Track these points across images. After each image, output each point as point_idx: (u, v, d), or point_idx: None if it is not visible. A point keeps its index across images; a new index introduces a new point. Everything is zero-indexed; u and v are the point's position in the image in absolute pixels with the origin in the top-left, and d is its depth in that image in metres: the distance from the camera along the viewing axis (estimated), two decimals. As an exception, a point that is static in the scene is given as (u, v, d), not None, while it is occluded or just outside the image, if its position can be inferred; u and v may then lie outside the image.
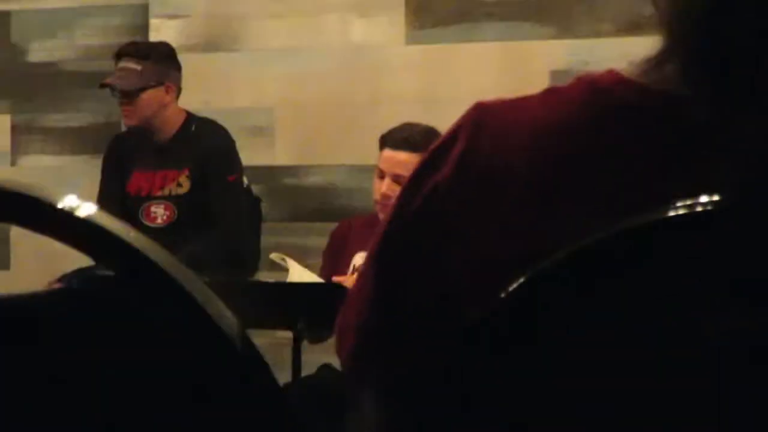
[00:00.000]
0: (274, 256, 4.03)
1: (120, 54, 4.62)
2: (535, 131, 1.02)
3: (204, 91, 5.23)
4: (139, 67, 4.56)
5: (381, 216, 3.87)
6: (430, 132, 3.86)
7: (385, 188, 3.93)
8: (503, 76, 4.95)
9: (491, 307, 0.83)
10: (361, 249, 3.89)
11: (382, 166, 3.99)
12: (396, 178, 3.89)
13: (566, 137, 1.00)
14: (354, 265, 4.00)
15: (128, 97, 4.56)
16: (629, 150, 0.98)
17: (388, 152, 3.98)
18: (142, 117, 4.59)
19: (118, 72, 4.57)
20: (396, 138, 3.97)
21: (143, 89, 4.56)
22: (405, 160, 3.88)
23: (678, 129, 0.95)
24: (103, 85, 4.60)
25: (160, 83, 4.61)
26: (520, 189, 1.00)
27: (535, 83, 1.07)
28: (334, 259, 4.14)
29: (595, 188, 0.97)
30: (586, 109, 1.01)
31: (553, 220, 0.97)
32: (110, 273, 0.80)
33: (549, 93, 1.05)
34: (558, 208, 0.98)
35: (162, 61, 4.64)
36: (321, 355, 4.06)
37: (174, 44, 4.84)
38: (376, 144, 4.06)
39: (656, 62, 0.98)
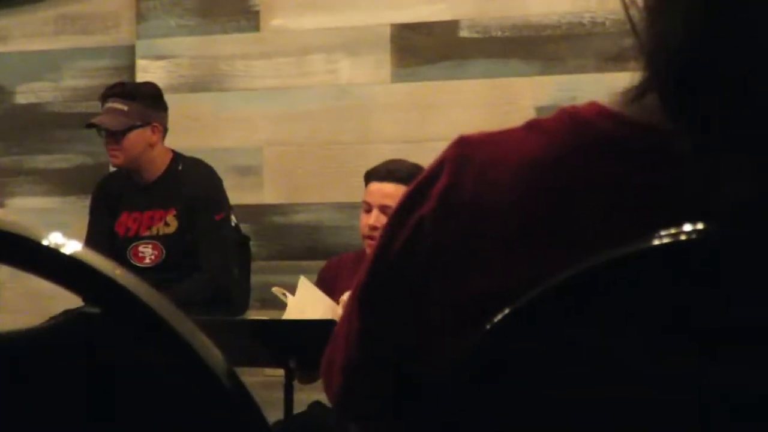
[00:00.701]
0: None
1: (106, 95, 4.64)
2: (518, 165, 1.01)
3: (192, 131, 5.27)
4: (125, 108, 4.58)
5: (369, 251, 3.83)
6: (415, 167, 3.91)
7: (373, 220, 3.95)
8: (490, 112, 4.99)
9: (475, 342, 0.83)
10: (350, 286, 3.81)
11: (369, 199, 4.02)
12: (383, 209, 3.93)
13: (548, 171, 0.99)
14: (343, 300, 3.95)
15: (115, 137, 4.57)
16: (611, 183, 0.97)
17: (374, 185, 4.02)
18: (129, 157, 4.60)
19: (104, 112, 4.59)
20: (381, 171, 4.02)
21: (130, 129, 4.57)
22: (391, 192, 3.92)
23: (659, 161, 0.95)
24: (89, 126, 4.61)
25: (146, 123, 4.61)
26: (504, 224, 0.99)
27: (521, 120, 1.05)
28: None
29: (577, 222, 0.97)
30: (568, 141, 1.00)
31: (536, 255, 0.96)
32: (96, 311, 0.79)
33: (531, 126, 1.04)
34: (541, 243, 0.98)
35: (148, 102, 4.64)
36: (311, 393, 4.06)
37: (161, 85, 4.86)
38: (363, 182, 4.09)
39: (636, 93, 0.97)
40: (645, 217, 0.88)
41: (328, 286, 4.11)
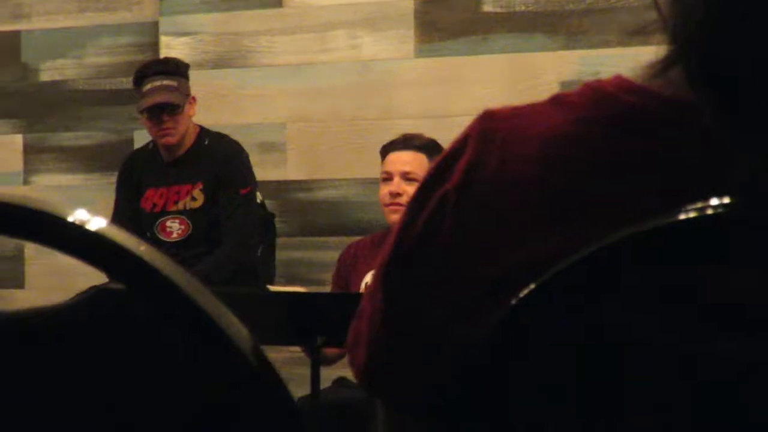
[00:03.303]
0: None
1: (148, 73, 4.62)
2: (543, 139, 1.01)
3: (215, 107, 5.27)
4: (175, 83, 4.59)
5: (391, 218, 3.95)
6: (430, 140, 4.01)
7: (395, 187, 3.97)
8: (513, 88, 4.99)
9: (501, 316, 0.83)
10: (371, 268, 3.88)
11: (388, 168, 4.05)
12: (404, 175, 3.97)
13: (573, 145, 0.99)
14: (366, 283, 4.00)
15: (172, 114, 4.58)
16: (636, 156, 0.97)
17: (392, 155, 4.05)
18: (182, 133, 4.62)
19: (155, 91, 4.57)
20: (398, 142, 4.06)
21: (184, 105, 4.60)
22: (410, 159, 3.98)
23: (684, 134, 0.94)
24: (153, 107, 4.57)
25: (189, 97, 4.66)
26: (528, 198, 0.99)
27: (545, 95, 1.04)
28: (343, 282, 4.16)
29: (602, 195, 0.97)
30: (593, 115, 1.00)
31: (560, 229, 0.97)
32: (121, 287, 0.80)
33: (556, 100, 1.04)
34: (565, 217, 0.98)
35: (187, 75, 4.69)
36: (336, 369, 4.08)
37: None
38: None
39: (661, 67, 0.97)
40: (669, 191, 0.89)
41: (348, 271, 4.14)
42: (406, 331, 1.07)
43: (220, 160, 4.66)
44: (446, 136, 3.41)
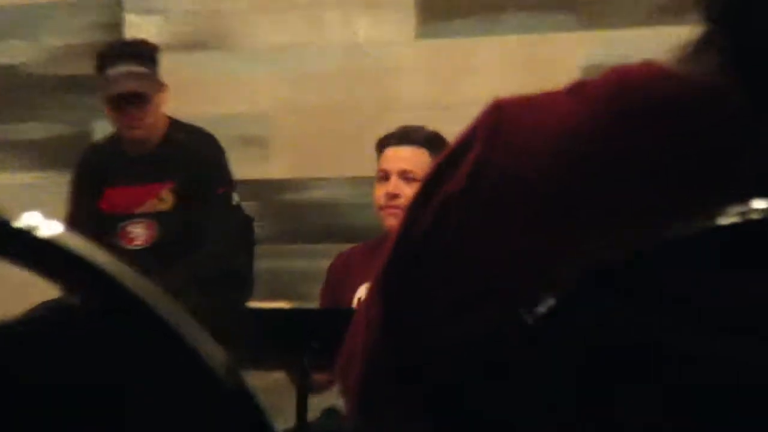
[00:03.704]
0: None
1: (111, 57, 4.63)
2: (559, 135, 1.02)
3: (187, 96, 5.18)
4: (145, 69, 4.61)
5: (388, 223, 3.95)
6: (433, 133, 4.00)
7: (392, 187, 3.97)
8: (528, 74, 4.95)
9: (512, 324, 0.86)
10: (365, 280, 3.85)
11: (385, 166, 4.04)
12: (403, 175, 3.97)
13: (592, 142, 1.01)
14: (359, 299, 3.98)
15: (141, 104, 4.59)
16: (663, 155, 0.99)
17: (390, 151, 4.05)
18: (151, 125, 4.64)
19: (124, 77, 4.57)
20: (396, 136, 4.06)
21: (153, 93, 4.60)
22: (409, 156, 3.98)
23: (720, 125, 0.95)
24: (120, 96, 4.57)
25: (162, 86, 4.66)
26: (542, 201, 1.01)
27: (564, 82, 1.06)
28: (334, 296, 4.12)
29: (624, 198, 0.98)
30: (616, 108, 1.01)
31: (575, 234, 0.98)
32: (78, 303, 0.79)
33: (575, 89, 1.05)
34: (583, 221, 0.99)
35: (156, 60, 4.69)
36: (325, 398, 4.05)
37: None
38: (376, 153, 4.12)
39: (696, 49, 0.98)
40: (699, 189, 0.91)
41: (339, 283, 4.12)
42: (405, 342, 1.09)
43: (193, 155, 4.66)
44: (451, 129, 3.39)
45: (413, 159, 3.98)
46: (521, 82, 4.71)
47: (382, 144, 4.10)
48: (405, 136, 4.05)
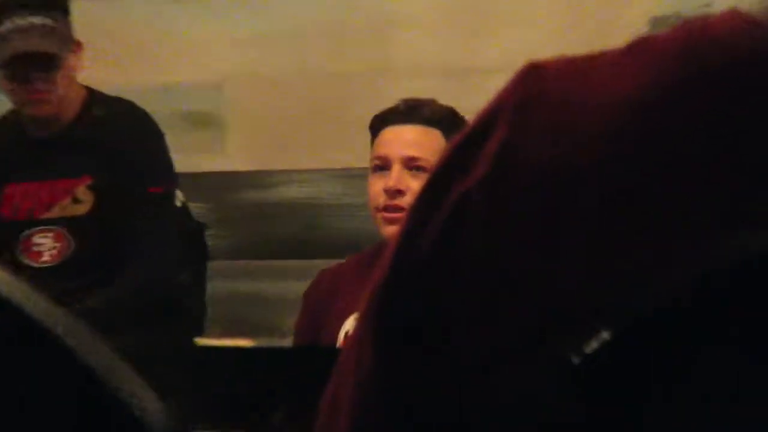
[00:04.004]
0: None
1: (7, 6, 4.40)
2: (612, 109, 0.90)
3: (113, 59, 5.17)
4: (50, 22, 4.38)
5: (387, 229, 3.79)
6: (448, 109, 3.85)
7: (393, 181, 3.76)
8: (572, 31, 5.00)
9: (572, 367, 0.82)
10: (354, 309, 3.66)
11: (383, 152, 3.82)
12: (408, 162, 3.78)
13: (656, 118, 0.89)
14: (347, 333, 3.79)
15: (48, 68, 4.35)
16: (749, 131, 0.87)
17: (389, 132, 3.83)
18: (62, 98, 4.41)
19: (19, 34, 4.39)
20: (399, 111, 3.86)
21: (64, 55, 4.40)
22: (416, 138, 3.79)
23: None
24: (19, 59, 4.35)
25: (75, 44, 4.47)
26: (589, 196, 0.89)
27: (623, 40, 0.87)
28: (312, 331, 3.96)
29: (699, 194, 0.88)
30: (687, 73, 0.89)
31: (637, 242, 0.87)
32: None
33: (636, 48, 0.92)
34: (660, 227, 0.88)
35: (67, 9, 4.47)
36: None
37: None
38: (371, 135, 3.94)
39: None
40: None
41: (320, 313, 3.95)
42: (407, 394, 0.97)
43: (118, 140, 4.42)
44: (469, 104, 3.21)
45: (421, 143, 3.76)
46: (561, 41, 4.91)
47: (380, 123, 3.86)
48: (410, 112, 3.80)
